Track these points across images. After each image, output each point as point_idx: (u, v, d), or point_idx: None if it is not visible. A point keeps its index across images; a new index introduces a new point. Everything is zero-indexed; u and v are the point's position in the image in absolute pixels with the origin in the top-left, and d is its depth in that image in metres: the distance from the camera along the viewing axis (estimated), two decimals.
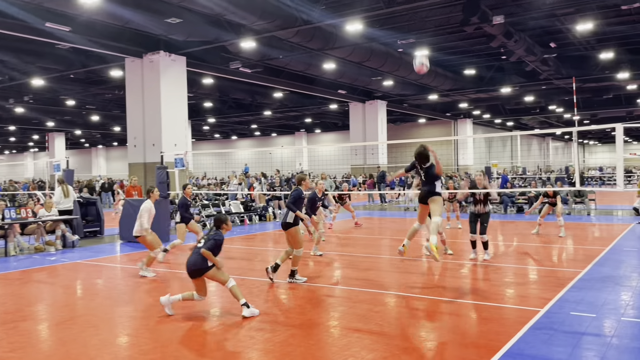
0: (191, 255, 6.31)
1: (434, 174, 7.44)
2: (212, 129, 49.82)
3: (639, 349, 4.80)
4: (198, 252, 6.20)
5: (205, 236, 6.38)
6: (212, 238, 6.23)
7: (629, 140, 57.34)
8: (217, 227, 6.38)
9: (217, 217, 6.45)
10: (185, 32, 16.86)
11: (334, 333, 5.50)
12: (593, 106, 35.46)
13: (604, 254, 9.82)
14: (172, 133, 19.05)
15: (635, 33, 20.80)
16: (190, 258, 6.27)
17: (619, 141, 8.08)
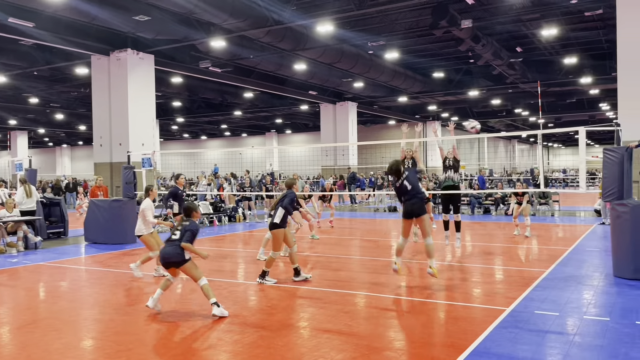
0: (166, 246, 6.23)
1: (415, 179, 7.38)
2: (181, 129, 49.20)
3: (600, 346, 4.93)
4: (174, 244, 6.13)
5: (179, 227, 6.26)
6: (188, 229, 6.17)
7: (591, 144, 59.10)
8: (188, 215, 6.35)
9: (187, 206, 6.47)
10: (154, 30, 16.60)
11: (303, 334, 5.49)
12: (557, 110, 36.45)
13: (567, 254, 10.08)
14: (139, 132, 18.73)
15: (598, 39, 21.46)
16: (165, 249, 6.20)
17: (581, 144, 8.30)
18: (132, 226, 12.72)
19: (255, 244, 12.35)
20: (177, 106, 34.82)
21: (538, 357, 4.69)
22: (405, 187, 7.34)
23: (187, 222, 6.29)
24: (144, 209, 8.52)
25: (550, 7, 16.54)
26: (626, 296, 6.81)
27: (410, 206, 7.32)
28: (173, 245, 6.17)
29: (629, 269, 7.73)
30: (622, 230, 7.84)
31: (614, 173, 7.89)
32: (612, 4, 13.74)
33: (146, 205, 8.59)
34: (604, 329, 5.43)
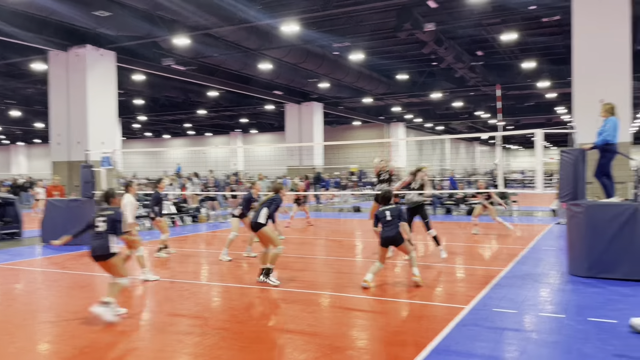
0: (95, 239, 5.92)
1: (397, 214, 7.47)
2: (143, 128, 48.24)
3: (555, 342, 5.09)
4: (102, 236, 5.88)
5: (103, 217, 5.95)
6: (113, 219, 5.93)
7: (548, 146, 60.90)
8: (107, 202, 6.22)
9: (105, 192, 6.32)
10: (115, 26, 16.22)
11: (266, 335, 5.46)
12: (516, 113, 37.42)
13: (524, 253, 10.37)
14: (99, 131, 18.28)
15: (555, 44, 22.14)
16: (95, 242, 5.92)
17: (538, 146, 8.55)
18: None
19: (219, 245, 12.23)
20: (139, 104, 34.11)
21: (496, 354, 4.81)
22: (385, 216, 7.49)
23: (109, 211, 5.99)
24: (124, 205, 8.19)
25: (510, 12, 16.97)
26: (580, 294, 7.05)
27: (387, 233, 7.45)
28: (100, 238, 5.88)
29: (583, 267, 8.00)
30: (576, 229, 8.11)
31: (569, 174, 8.17)
32: (569, 11, 14.21)
33: (127, 200, 8.29)
34: (559, 326, 5.61)
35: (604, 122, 8.15)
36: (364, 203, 26.42)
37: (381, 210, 7.56)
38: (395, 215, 7.49)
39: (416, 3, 16.30)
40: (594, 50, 13.32)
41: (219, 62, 21.84)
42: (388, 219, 7.47)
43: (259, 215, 7.66)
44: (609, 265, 7.78)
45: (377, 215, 7.59)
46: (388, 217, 7.47)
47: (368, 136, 44.75)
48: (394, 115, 41.08)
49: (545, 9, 16.27)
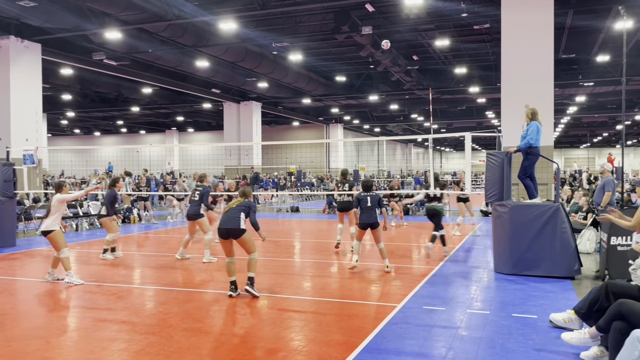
0: None
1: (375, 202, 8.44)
2: (71, 124, 46.06)
3: (480, 338, 5.28)
4: None
5: None
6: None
7: (478, 148, 63.47)
8: None
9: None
10: (41, 17, 15.39)
11: (199, 337, 5.33)
12: (449, 116, 38.75)
13: (455, 252, 10.72)
14: (22, 126, 17.30)
15: (485, 51, 23.11)
16: None
17: (467, 148, 8.88)
18: (11, 227, 11.74)
19: (151, 247, 11.85)
20: (67, 100, 32.50)
21: (424, 351, 4.93)
22: (366, 202, 8.42)
23: None
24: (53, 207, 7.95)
25: (444, 19, 17.55)
26: (505, 290, 7.36)
27: (366, 219, 8.42)
28: None
29: (508, 265, 8.38)
30: (502, 228, 8.48)
31: (495, 176, 8.52)
32: (498, 20, 14.87)
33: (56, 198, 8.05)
34: (484, 322, 5.83)
35: (527, 127, 8.55)
36: (303, 204, 26.47)
37: (363, 195, 8.48)
38: (375, 202, 8.43)
39: (354, 6, 16.53)
40: (520, 58, 14.01)
41: (154, 58, 21.21)
42: (369, 205, 8.38)
43: (240, 221, 6.92)
44: (532, 262, 8.19)
45: (359, 199, 8.48)
46: (369, 203, 8.38)
47: (307, 137, 44.93)
48: (333, 117, 41.47)
49: (476, 16, 16.93)
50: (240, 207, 7.08)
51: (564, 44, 19.72)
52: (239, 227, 6.93)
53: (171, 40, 18.69)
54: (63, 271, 7.93)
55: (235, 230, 6.92)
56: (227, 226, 6.93)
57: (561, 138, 59.78)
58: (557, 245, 8.05)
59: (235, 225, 6.92)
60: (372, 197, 8.46)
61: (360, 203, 8.48)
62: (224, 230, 6.96)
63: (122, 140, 52.88)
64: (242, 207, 7.10)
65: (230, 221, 6.94)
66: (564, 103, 32.50)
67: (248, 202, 7.26)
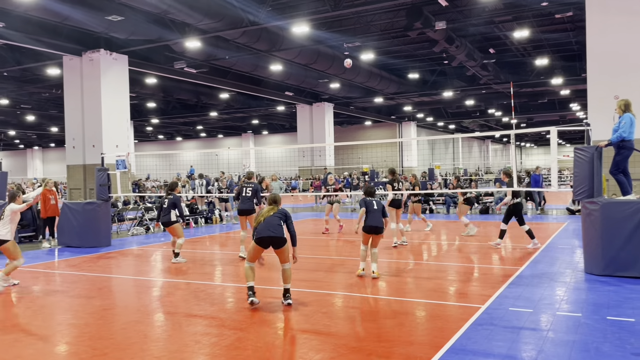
0: None
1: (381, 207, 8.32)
2: (155, 130, 48.62)
3: (572, 341, 5.05)
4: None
5: None
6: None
7: (562, 143, 60.38)
8: None
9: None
10: (127, 30, 16.39)
11: (281, 335, 5.49)
12: (529, 110, 37.14)
13: (540, 252, 10.28)
14: (113, 134, 18.47)
15: (568, 41, 21.94)
16: None
17: (553, 144, 8.48)
18: (106, 228, 12.60)
19: (232, 246, 12.28)
20: (151, 107, 34.41)
21: (512, 353, 4.78)
22: (372, 205, 8.28)
23: None
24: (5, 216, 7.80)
25: (522, 9, 16.86)
26: (597, 292, 6.98)
27: (373, 222, 8.20)
28: None
29: (600, 265, 7.92)
30: (592, 227, 8.03)
31: (584, 172, 8.09)
32: (582, 7, 14.09)
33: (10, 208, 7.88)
34: (576, 325, 5.56)
35: (619, 119, 8.05)
36: None
37: (369, 200, 8.36)
38: (380, 207, 8.32)
39: (426, 2, 16.27)
40: (608, 46, 13.18)
41: (230, 64, 21.97)
42: (375, 208, 8.25)
43: (282, 229, 6.65)
44: (626, 263, 7.70)
45: (366, 203, 8.34)
46: (375, 207, 8.26)
47: (380, 136, 44.68)
48: (405, 115, 40.97)
49: (557, 5, 16.14)
50: (279, 215, 6.71)
51: None
52: (283, 236, 6.61)
53: (246, 46, 19.27)
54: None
55: (278, 239, 6.57)
56: (271, 234, 6.54)
57: None
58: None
59: (279, 233, 6.58)
60: (377, 203, 8.36)
61: (367, 206, 8.26)
62: (267, 238, 6.56)
63: (201, 144, 55.14)
64: (280, 214, 6.73)
65: (274, 229, 6.56)
66: None
67: (284, 210, 6.89)
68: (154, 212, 16.14)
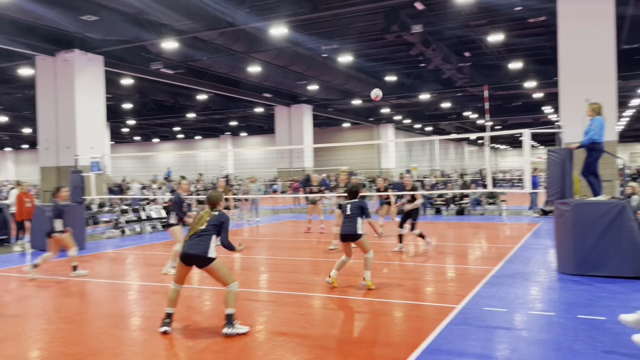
0: None
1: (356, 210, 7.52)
2: (132, 132, 47.97)
3: (545, 340, 5.15)
4: None
5: None
6: None
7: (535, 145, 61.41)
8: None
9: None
10: (103, 30, 16.15)
11: (258, 337, 5.47)
12: (504, 113, 37.70)
13: (514, 252, 10.46)
14: (88, 135, 18.17)
15: (541, 45, 22.35)
16: None
17: (526, 146, 8.65)
18: (81, 231, 12.39)
19: None
20: (128, 108, 33.93)
21: (487, 353, 4.86)
22: (345, 210, 7.63)
23: None
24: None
25: (496, 13, 17.11)
26: (569, 291, 7.13)
27: (345, 229, 7.52)
28: None
29: (572, 265, 8.10)
30: (564, 228, 8.20)
31: (556, 173, 8.26)
32: (554, 12, 14.36)
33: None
34: (549, 324, 5.68)
35: (590, 122, 8.24)
36: None
37: (344, 203, 7.70)
38: (355, 210, 7.50)
39: (403, 5, 16.39)
40: (580, 50, 13.47)
41: (208, 66, 21.82)
42: (347, 213, 7.53)
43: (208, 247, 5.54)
44: (597, 262, 7.89)
45: (340, 207, 7.83)
46: (348, 212, 7.54)
47: (358, 138, 44.86)
48: (383, 117, 41.21)
49: (530, 10, 16.42)
50: (210, 227, 5.59)
51: (626, 34, 18.80)
52: (206, 254, 5.48)
53: (224, 47, 19.16)
54: None
55: (200, 258, 5.49)
56: (190, 251, 5.52)
57: (625, 132, 56.91)
58: (624, 244, 7.72)
59: (201, 251, 5.48)
60: (352, 205, 7.54)
61: (341, 210, 7.64)
62: (185, 256, 5.58)
63: (179, 146, 54.61)
64: (212, 225, 5.60)
65: (195, 245, 5.53)
66: (628, 95, 30.95)
67: (220, 215, 5.69)
68: (130, 215, 15.94)
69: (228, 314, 5.49)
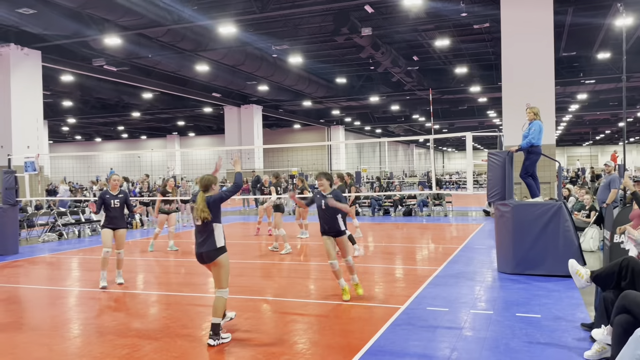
0: None
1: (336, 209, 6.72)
2: (73, 130, 46.13)
3: (484, 338, 5.25)
4: None
5: None
6: None
7: (479, 148, 63.38)
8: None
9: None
10: (41, 24, 15.42)
11: (202, 342, 5.32)
12: (451, 116, 38.71)
13: (457, 252, 10.69)
14: (23, 134, 17.32)
15: (486, 50, 23.07)
16: None
17: (469, 148, 8.85)
18: (13, 235, 11.75)
19: (154, 253, 11.83)
20: (68, 106, 32.57)
21: (429, 352, 4.90)
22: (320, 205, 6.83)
23: None
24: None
25: (443, 19, 17.52)
26: (508, 290, 7.33)
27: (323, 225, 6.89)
28: None
29: (511, 264, 8.34)
30: (504, 228, 8.44)
31: (497, 175, 8.49)
32: (498, 19, 14.84)
33: None
34: (487, 322, 5.80)
35: (529, 125, 8.52)
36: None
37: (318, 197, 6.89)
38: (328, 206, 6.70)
39: (353, 8, 16.52)
40: (521, 57, 13.96)
41: (154, 63, 21.23)
42: (322, 208, 6.79)
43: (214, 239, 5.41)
44: (535, 261, 8.16)
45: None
46: (322, 206, 6.79)
47: (309, 139, 44.92)
48: (334, 118, 41.45)
49: (475, 16, 16.90)
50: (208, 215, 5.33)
51: (565, 42, 19.68)
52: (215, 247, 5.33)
53: (171, 45, 18.71)
54: None
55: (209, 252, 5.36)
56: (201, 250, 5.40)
57: (563, 136, 59.66)
58: (560, 244, 8.02)
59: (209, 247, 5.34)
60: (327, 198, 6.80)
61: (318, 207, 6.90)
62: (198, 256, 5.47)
63: (123, 145, 52.98)
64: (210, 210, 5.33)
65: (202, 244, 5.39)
66: (566, 101, 32.43)
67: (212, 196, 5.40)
68: (68, 217, 15.26)
69: (214, 323, 5.17)
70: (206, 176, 5.54)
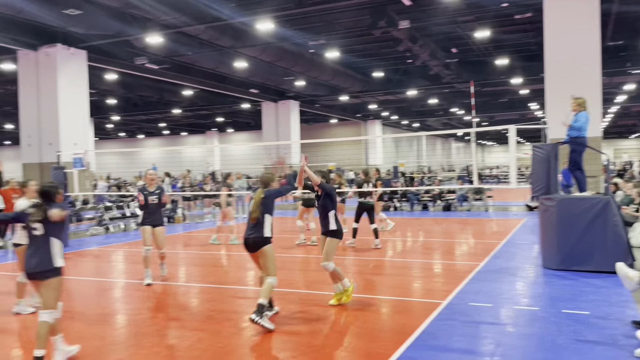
0: None
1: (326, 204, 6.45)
2: (117, 128, 47.46)
3: (530, 335, 5.16)
4: None
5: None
6: None
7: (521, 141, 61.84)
8: None
9: None
10: (86, 24, 15.89)
11: (244, 334, 5.42)
12: (491, 109, 37.89)
13: (499, 247, 10.50)
14: (71, 131, 17.92)
15: (527, 41, 22.46)
16: None
17: (511, 142, 8.66)
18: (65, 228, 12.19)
19: (195, 246, 12.09)
20: (112, 104, 33.53)
21: (472, 348, 4.85)
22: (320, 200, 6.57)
23: None
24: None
25: (483, 9, 17.15)
26: (553, 286, 7.16)
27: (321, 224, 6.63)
28: None
29: (556, 260, 8.14)
30: (549, 223, 8.24)
31: (541, 169, 8.29)
32: (540, 8, 14.42)
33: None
34: (533, 318, 5.69)
35: (575, 117, 8.28)
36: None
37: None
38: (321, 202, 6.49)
39: (390, 1, 16.37)
40: (565, 47, 13.54)
41: (193, 61, 21.59)
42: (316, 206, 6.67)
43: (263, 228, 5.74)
44: (581, 257, 7.93)
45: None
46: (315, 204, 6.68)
47: (345, 134, 44.81)
48: (371, 113, 41.22)
49: (517, 6, 16.48)
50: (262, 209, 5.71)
51: (611, 31, 18.95)
52: (263, 236, 5.68)
53: (210, 42, 18.98)
54: None
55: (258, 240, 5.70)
56: (249, 236, 5.73)
57: (609, 128, 57.52)
58: (608, 240, 7.77)
59: (258, 235, 5.69)
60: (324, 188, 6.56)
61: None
62: (245, 241, 5.79)
63: (164, 142, 54.16)
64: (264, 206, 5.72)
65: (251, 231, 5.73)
66: (612, 92, 31.26)
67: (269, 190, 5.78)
68: (114, 212, 15.75)
69: (260, 303, 5.50)
70: (266, 174, 6.04)
